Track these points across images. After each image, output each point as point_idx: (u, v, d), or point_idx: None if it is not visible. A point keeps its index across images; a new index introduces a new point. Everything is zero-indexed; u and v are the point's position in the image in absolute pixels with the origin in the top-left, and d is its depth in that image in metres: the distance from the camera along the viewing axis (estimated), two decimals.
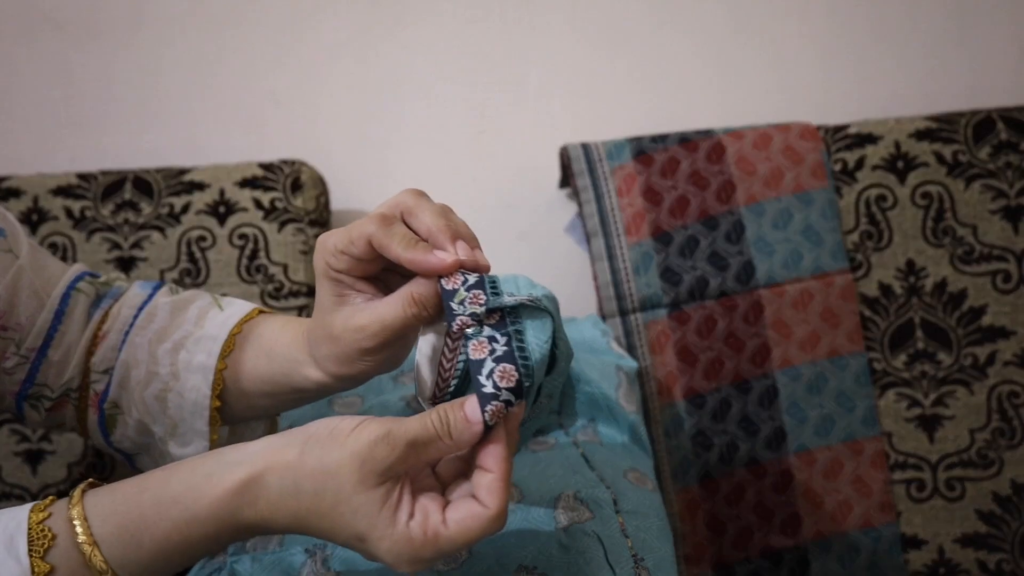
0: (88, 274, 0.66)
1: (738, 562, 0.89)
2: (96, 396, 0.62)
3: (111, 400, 0.62)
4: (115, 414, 0.62)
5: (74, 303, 0.63)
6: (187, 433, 0.61)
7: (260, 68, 1.04)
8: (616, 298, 0.90)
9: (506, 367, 0.46)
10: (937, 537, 0.90)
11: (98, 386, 0.62)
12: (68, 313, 0.63)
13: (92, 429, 0.64)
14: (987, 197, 0.91)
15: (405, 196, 0.53)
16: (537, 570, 0.54)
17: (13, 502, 0.88)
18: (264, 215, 0.92)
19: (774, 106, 1.04)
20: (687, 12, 1.04)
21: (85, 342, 0.63)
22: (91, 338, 0.63)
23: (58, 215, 0.92)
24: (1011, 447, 0.90)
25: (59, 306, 0.62)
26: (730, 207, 0.91)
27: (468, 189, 1.05)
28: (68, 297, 0.63)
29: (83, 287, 0.64)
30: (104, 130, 1.05)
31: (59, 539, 0.44)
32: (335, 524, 0.44)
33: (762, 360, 0.90)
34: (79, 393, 0.63)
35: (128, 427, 0.62)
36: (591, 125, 1.04)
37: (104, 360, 0.62)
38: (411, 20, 1.04)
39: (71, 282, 0.64)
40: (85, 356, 0.63)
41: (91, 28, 1.04)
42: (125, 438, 0.63)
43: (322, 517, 0.44)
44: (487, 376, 0.46)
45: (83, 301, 0.64)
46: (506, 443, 0.45)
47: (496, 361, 0.46)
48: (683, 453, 0.89)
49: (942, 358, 0.91)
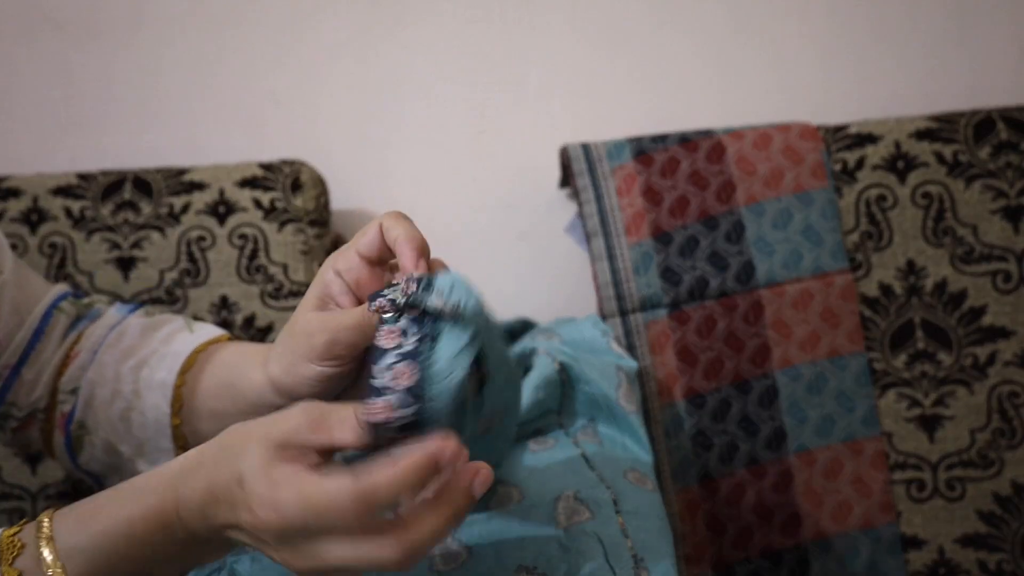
0: (72, 294, 0.65)
1: (738, 562, 0.89)
2: (63, 417, 0.61)
3: (77, 420, 0.60)
4: (82, 435, 0.61)
5: (54, 322, 0.62)
6: (153, 452, 0.60)
7: (260, 68, 1.04)
8: (616, 298, 0.90)
9: (406, 366, 0.44)
10: (937, 537, 0.90)
11: (64, 407, 0.61)
12: (47, 332, 0.61)
13: (59, 451, 0.62)
14: (987, 197, 0.91)
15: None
16: (537, 570, 0.54)
17: (13, 502, 0.88)
18: (264, 215, 0.92)
19: (774, 106, 1.04)
20: (687, 12, 1.04)
21: (57, 361, 0.61)
22: (63, 358, 0.62)
23: (58, 215, 0.92)
24: (1011, 447, 0.90)
25: (39, 324, 0.61)
26: (730, 207, 0.91)
27: (468, 189, 1.05)
28: (49, 316, 0.62)
29: (65, 307, 0.63)
30: (104, 130, 1.05)
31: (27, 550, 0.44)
32: (226, 468, 0.43)
33: (762, 360, 0.90)
34: (46, 414, 0.61)
35: (96, 447, 0.61)
36: (591, 125, 1.04)
37: (72, 380, 0.61)
38: (411, 20, 1.04)
39: (53, 301, 0.63)
40: (55, 376, 0.61)
41: (91, 28, 1.04)
42: (93, 459, 0.62)
43: (218, 464, 0.44)
44: (385, 368, 0.44)
45: (63, 321, 0.63)
46: (425, 458, 0.41)
47: (400, 357, 0.44)
48: (683, 453, 0.89)
49: (942, 358, 0.91)
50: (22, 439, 0.63)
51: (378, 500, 0.41)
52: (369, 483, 0.40)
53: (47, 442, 0.63)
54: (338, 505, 0.40)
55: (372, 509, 0.41)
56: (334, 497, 0.40)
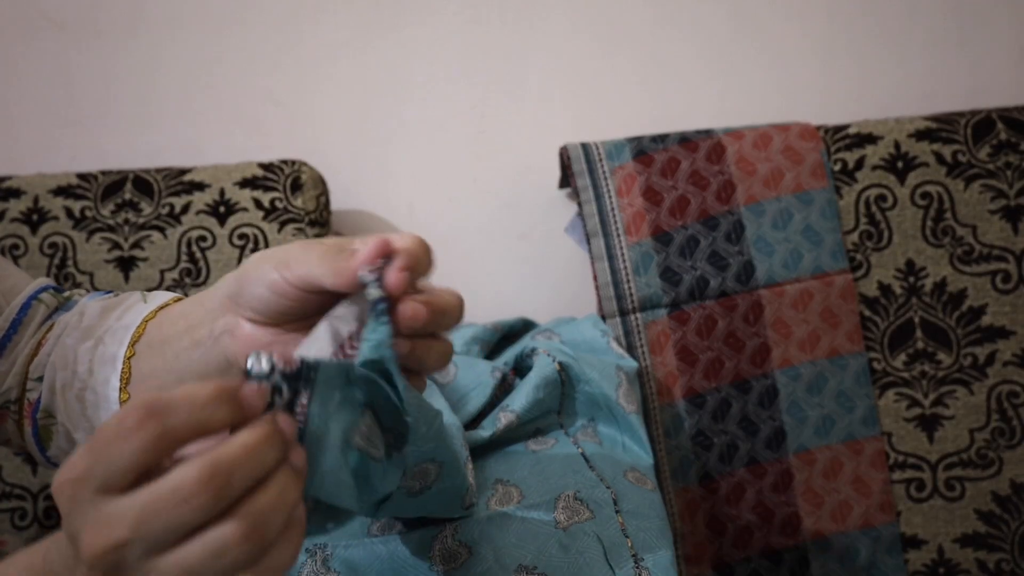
0: (53, 287, 0.63)
1: (738, 562, 0.89)
2: (30, 406, 0.59)
3: (43, 408, 0.58)
4: (49, 424, 0.59)
5: (32, 313, 0.61)
6: None
7: (260, 68, 1.04)
8: (616, 298, 0.90)
9: (295, 355, 0.41)
10: (937, 537, 0.90)
11: (32, 395, 0.59)
12: (24, 323, 0.60)
13: (29, 444, 0.60)
14: (987, 197, 0.91)
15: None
16: (537, 570, 0.55)
17: (14, 502, 0.88)
18: (264, 215, 0.92)
19: (774, 106, 1.04)
20: (687, 12, 1.04)
21: (29, 350, 0.59)
22: (34, 346, 0.60)
23: (58, 215, 0.92)
24: (1010, 447, 0.90)
25: (17, 315, 0.60)
26: (730, 207, 0.91)
27: (468, 189, 1.05)
28: (28, 307, 0.61)
29: (45, 298, 0.62)
30: (104, 130, 1.05)
31: None
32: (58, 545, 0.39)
33: (762, 360, 0.90)
34: (17, 405, 0.60)
35: (60, 436, 0.58)
36: (591, 125, 1.04)
37: (38, 367, 0.59)
38: (411, 20, 1.04)
39: (33, 293, 0.62)
40: (25, 365, 0.59)
41: (91, 28, 1.04)
42: (60, 451, 0.59)
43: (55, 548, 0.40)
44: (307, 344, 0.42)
45: (41, 312, 0.61)
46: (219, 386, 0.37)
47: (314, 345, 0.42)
48: (683, 453, 0.89)
49: (942, 358, 0.91)
50: (1, 434, 0.61)
51: (176, 429, 0.36)
52: (163, 401, 0.36)
53: (23, 436, 0.60)
54: (174, 485, 0.35)
55: (174, 442, 0.36)
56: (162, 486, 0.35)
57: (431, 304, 0.44)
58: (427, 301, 0.44)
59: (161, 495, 0.35)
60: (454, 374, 0.80)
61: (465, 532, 0.58)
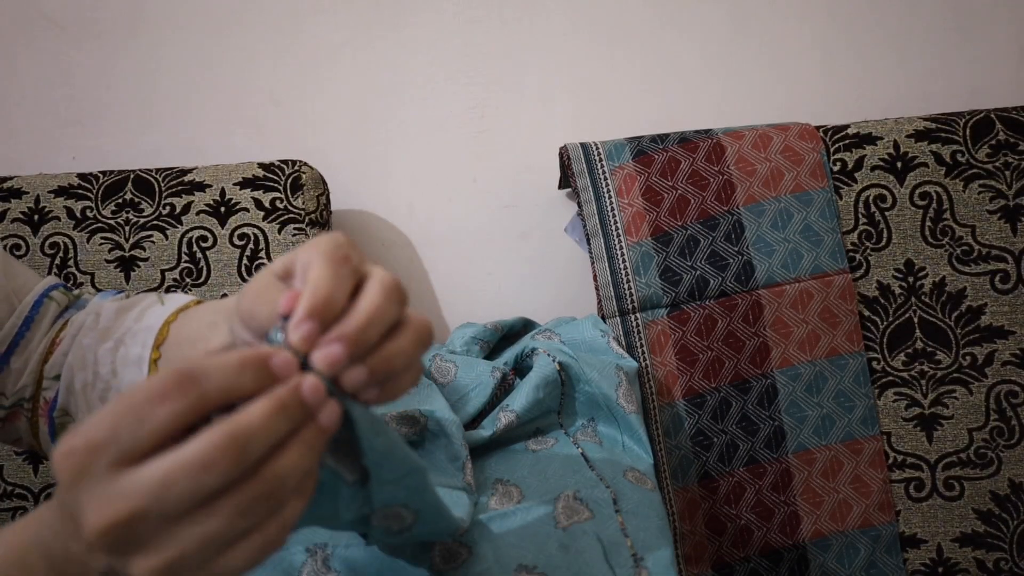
0: (63, 285, 0.64)
1: (738, 561, 0.89)
2: (46, 404, 0.60)
3: (60, 407, 0.59)
4: (66, 422, 0.59)
5: (44, 310, 0.62)
6: None
7: (260, 68, 1.05)
8: (616, 298, 0.90)
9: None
10: (936, 536, 0.90)
11: (48, 393, 0.60)
12: (36, 320, 0.61)
13: (44, 441, 0.61)
14: (985, 197, 0.91)
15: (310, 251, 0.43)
16: (537, 570, 0.55)
17: (15, 501, 0.88)
18: (264, 215, 0.92)
19: (774, 106, 1.04)
20: (688, 12, 1.04)
21: (42, 349, 0.60)
22: (48, 345, 0.61)
23: (59, 215, 0.92)
24: (1009, 447, 0.90)
25: (29, 312, 0.60)
26: (730, 207, 0.91)
27: (468, 189, 1.06)
28: (39, 304, 0.61)
29: (56, 296, 0.63)
30: (104, 130, 1.05)
31: None
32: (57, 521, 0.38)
33: (761, 360, 0.90)
34: (31, 403, 0.60)
35: None
36: (591, 125, 1.04)
37: (55, 366, 0.60)
38: (411, 20, 1.04)
39: (44, 290, 0.62)
40: (40, 363, 0.60)
41: (91, 28, 1.04)
42: None
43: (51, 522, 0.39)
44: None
45: (53, 309, 0.62)
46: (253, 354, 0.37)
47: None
48: (683, 453, 0.89)
49: (941, 358, 0.91)
50: (12, 432, 0.62)
51: (208, 395, 0.35)
52: (199, 367, 0.35)
53: (35, 433, 0.61)
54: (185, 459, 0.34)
55: (205, 409, 0.35)
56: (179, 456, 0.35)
57: (348, 341, 0.39)
58: (342, 338, 0.40)
59: (184, 462, 0.34)
60: (454, 374, 0.80)
61: (465, 532, 0.58)
